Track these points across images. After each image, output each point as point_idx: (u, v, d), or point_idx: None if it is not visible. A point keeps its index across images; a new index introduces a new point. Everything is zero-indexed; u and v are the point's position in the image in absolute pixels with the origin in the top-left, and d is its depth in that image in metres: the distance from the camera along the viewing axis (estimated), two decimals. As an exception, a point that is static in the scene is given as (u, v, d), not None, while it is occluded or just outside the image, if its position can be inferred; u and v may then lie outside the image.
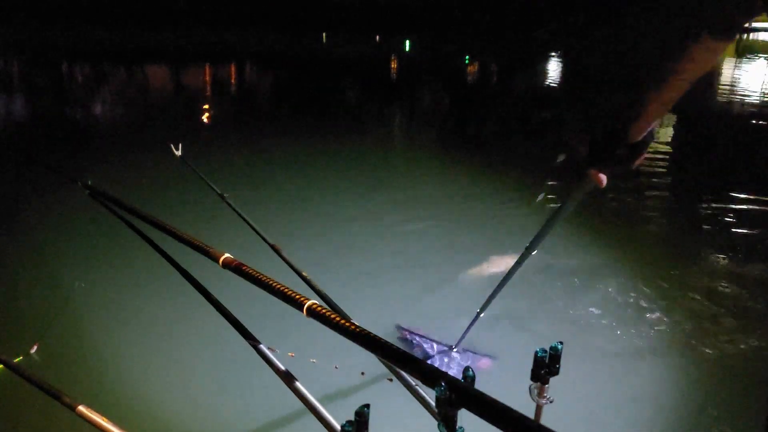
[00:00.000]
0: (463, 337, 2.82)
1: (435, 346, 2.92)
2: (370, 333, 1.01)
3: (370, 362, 1.19)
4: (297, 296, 1.14)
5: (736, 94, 12.35)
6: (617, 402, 2.66)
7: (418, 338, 2.98)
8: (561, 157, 6.44)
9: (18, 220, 4.59)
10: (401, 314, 3.26)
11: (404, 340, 3.01)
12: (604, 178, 1.52)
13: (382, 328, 3.05)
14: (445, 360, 2.83)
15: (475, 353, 2.89)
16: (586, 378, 2.73)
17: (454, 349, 2.88)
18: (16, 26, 19.06)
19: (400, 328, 3.10)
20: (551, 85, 14.29)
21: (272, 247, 2.30)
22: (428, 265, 3.98)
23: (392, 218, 4.82)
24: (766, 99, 11.82)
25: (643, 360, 2.97)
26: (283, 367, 1.27)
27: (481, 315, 2.63)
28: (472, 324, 2.72)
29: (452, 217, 4.93)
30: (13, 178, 5.55)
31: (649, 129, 1.44)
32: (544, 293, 3.59)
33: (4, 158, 6.14)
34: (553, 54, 19.72)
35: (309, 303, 1.10)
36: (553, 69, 17.38)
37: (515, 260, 2.20)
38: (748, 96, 12.17)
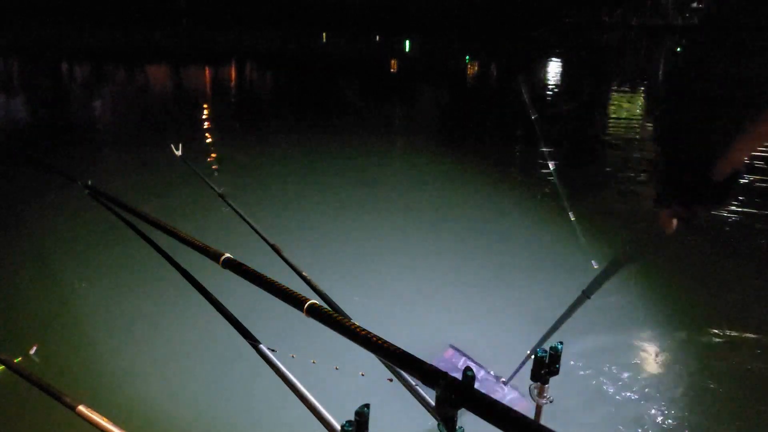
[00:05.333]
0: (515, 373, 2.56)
1: (482, 372, 2.65)
2: (370, 333, 1.00)
3: (370, 362, 1.18)
4: (297, 296, 1.14)
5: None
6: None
7: (468, 361, 2.71)
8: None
9: (18, 221, 4.59)
10: (398, 311, 3.25)
11: (452, 358, 2.75)
12: (674, 222, 1.22)
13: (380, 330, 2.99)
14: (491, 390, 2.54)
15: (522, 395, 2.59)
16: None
17: (505, 384, 2.59)
18: (16, 27, 19.06)
19: (453, 347, 2.83)
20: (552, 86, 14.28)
21: (272, 246, 2.29)
22: (433, 269, 3.99)
23: (392, 216, 4.83)
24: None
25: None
26: (283, 367, 1.27)
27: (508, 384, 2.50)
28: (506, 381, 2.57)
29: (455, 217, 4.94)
30: (13, 178, 5.55)
31: (739, 165, 1.16)
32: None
33: (4, 158, 6.14)
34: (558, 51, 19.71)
35: (309, 302, 1.10)
36: (554, 69, 17.37)
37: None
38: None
